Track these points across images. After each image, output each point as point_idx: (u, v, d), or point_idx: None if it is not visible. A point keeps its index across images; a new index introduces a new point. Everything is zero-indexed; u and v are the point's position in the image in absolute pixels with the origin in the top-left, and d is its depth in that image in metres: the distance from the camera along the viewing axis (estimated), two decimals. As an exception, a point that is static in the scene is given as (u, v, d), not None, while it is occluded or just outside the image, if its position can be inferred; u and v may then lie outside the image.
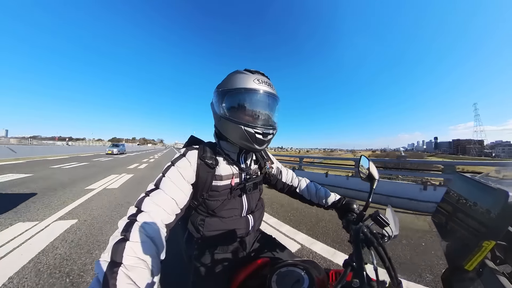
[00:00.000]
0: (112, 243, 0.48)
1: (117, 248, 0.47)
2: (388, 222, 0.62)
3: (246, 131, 0.72)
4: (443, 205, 0.61)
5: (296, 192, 1.10)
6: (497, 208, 0.41)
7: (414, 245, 2.66)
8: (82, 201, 4.34)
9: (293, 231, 3.12)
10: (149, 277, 0.47)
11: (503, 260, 0.58)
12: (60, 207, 3.92)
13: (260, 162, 0.99)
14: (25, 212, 3.55)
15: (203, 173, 0.76)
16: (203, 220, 0.82)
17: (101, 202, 4.34)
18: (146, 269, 0.47)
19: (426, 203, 4.04)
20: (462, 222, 0.51)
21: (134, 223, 0.53)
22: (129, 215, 0.57)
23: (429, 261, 2.26)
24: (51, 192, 5.02)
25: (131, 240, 0.49)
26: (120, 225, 0.54)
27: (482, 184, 0.48)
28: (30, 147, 20.28)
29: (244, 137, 0.74)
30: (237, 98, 0.76)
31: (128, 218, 0.56)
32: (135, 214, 0.57)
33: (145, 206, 0.59)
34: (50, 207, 3.91)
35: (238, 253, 0.89)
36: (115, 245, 0.47)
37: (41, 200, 4.29)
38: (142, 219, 0.55)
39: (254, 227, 0.91)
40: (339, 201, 0.98)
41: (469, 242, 0.46)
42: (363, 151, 54.25)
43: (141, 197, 0.63)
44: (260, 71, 0.81)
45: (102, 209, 3.83)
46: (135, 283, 0.43)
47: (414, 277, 1.97)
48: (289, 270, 0.62)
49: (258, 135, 0.74)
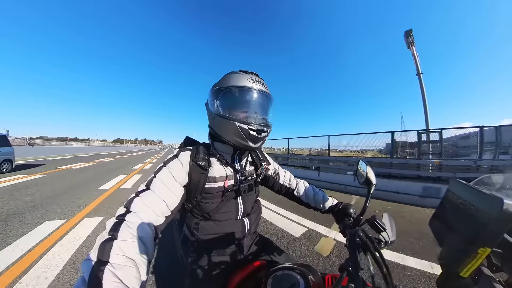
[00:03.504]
0: (99, 242, 0.47)
1: (104, 247, 0.46)
2: (385, 227, 0.62)
3: (240, 127, 0.73)
4: (439, 211, 0.61)
5: (294, 195, 1.09)
6: (492, 215, 0.41)
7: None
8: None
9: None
10: (137, 276, 0.46)
11: (499, 267, 0.58)
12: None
13: (256, 163, 0.97)
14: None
15: (195, 174, 0.75)
16: (198, 224, 0.81)
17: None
18: (134, 268, 0.46)
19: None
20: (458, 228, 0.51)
21: (123, 222, 0.53)
22: (118, 215, 0.56)
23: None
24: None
25: (119, 239, 0.48)
26: (108, 225, 0.53)
27: (477, 190, 0.48)
28: (62, 147, 26.08)
29: (238, 133, 0.74)
30: (231, 95, 0.77)
31: (116, 218, 0.55)
32: (124, 214, 0.56)
33: (134, 206, 0.58)
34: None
35: (234, 256, 0.88)
36: (102, 244, 0.47)
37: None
38: (130, 219, 0.54)
39: (250, 230, 0.91)
40: (336, 205, 0.97)
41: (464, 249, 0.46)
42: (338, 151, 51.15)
43: (131, 197, 0.62)
44: (254, 72, 0.82)
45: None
46: (121, 282, 0.42)
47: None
48: (285, 274, 0.62)
49: (252, 132, 0.74)
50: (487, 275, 0.53)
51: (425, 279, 1.91)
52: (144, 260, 0.50)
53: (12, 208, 3.66)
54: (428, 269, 2.07)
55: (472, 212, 0.47)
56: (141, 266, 0.48)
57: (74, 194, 4.74)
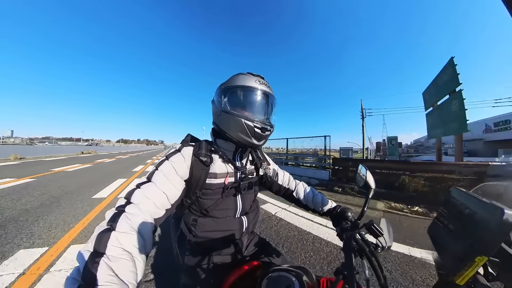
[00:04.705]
0: (97, 233, 0.47)
1: (102, 238, 0.45)
2: (382, 232, 0.62)
3: (246, 124, 0.75)
4: (439, 218, 0.61)
5: (293, 196, 1.09)
6: (492, 224, 0.41)
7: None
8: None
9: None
10: (133, 269, 0.45)
11: (496, 277, 0.58)
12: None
13: (256, 162, 0.98)
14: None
15: (197, 170, 0.75)
16: (196, 221, 0.81)
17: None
18: (130, 261, 0.45)
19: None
20: (456, 236, 0.51)
21: (122, 213, 0.52)
22: (118, 206, 0.56)
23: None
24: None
25: (117, 230, 0.48)
26: (107, 215, 0.52)
27: (477, 199, 0.48)
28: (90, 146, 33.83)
29: (244, 130, 0.76)
30: (239, 94, 0.80)
31: (116, 209, 0.54)
32: (124, 205, 0.55)
33: (135, 198, 0.58)
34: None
35: (230, 255, 0.88)
36: (99, 235, 0.46)
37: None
38: (130, 210, 0.54)
39: (248, 228, 0.90)
40: (334, 208, 0.97)
41: (461, 257, 0.45)
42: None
43: (132, 189, 0.61)
44: (261, 75, 0.85)
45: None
46: (116, 275, 0.41)
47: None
48: (280, 275, 0.62)
49: (257, 129, 0.76)
50: (483, 284, 0.53)
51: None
52: (141, 254, 0.49)
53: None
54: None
55: (471, 220, 0.47)
56: (138, 259, 0.47)
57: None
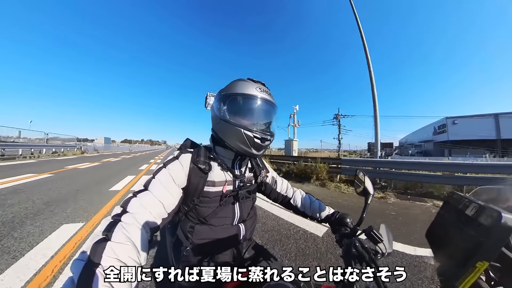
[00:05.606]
0: (92, 242, 0.46)
1: (97, 248, 0.45)
2: (382, 239, 0.61)
3: (245, 134, 0.73)
4: (437, 223, 0.60)
5: (290, 203, 1.08)
6: (491, 229, 0.41)
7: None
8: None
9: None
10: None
11: (498, 282, 0.57)
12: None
13: (255, 170, 0.97)
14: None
15: (195, 177, 0.74)
16: (193, 228, 0.80)
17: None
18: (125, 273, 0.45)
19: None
20: (455, 241, 0.50)
21: (118, 223, 0.51)
22: (114, 214, 0.55)
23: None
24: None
25: (112, 240, 0.47)
26: (103, 224, 0.52)
27: (475, 203, 0.48)
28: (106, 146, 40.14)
29: (243, 140, 0.74)
30: (238, 102, 0.77)
31: (112, 218, 0.54)
32: (120, 214, 0.54)
33: (131, 207, 0.57)
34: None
35: (227, 263, 0.86)
36: (94, 245, 0.45)
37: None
38: (126, 220, 0.53)
39: (245, 236, 0.89)
40: (332, 214, 0.96)
41: (462, 262, 0.45)
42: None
43: (128, 197, 0.60)
44: (261, 82, 0.83)
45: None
46: (112, 286, 0.41)
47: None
48: (278, 284, 0.60)
49: (256, 140, 0.74)
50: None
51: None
52: (136, 265, 0.48)
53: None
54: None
55: (470, 225, 0.47)
56: (133, 270, 0.47)
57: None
